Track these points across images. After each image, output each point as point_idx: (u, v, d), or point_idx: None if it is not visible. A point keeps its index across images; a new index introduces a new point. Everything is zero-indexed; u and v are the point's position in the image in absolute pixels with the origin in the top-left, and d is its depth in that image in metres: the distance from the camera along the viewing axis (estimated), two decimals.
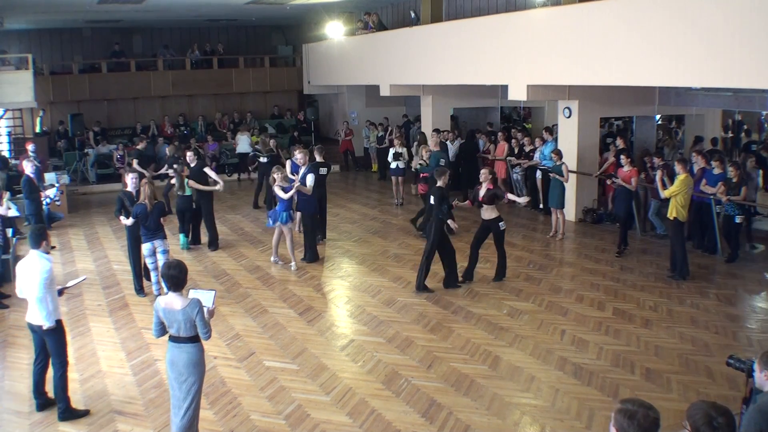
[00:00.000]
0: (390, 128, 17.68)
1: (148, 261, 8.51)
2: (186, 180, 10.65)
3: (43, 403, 5.83)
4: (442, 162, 11.20)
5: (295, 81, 22.10)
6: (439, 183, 8.65)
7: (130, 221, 8.42)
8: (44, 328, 5.55)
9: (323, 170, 10.81)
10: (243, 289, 9.09)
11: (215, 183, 11.06)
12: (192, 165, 10.79)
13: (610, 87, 11.29)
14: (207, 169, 11.02)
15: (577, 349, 6.94)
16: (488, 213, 8.86)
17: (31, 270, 5.53)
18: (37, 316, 5.55)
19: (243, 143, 17.54)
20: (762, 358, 3.49)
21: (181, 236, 11.32)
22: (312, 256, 10.18)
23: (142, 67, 20.90)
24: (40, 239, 5.62)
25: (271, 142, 14.37)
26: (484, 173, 9.00)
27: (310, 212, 10.21)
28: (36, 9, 16.36)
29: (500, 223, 8.87)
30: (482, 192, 8.87)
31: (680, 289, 8.68)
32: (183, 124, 20.14)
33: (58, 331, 5.66)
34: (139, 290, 8.87)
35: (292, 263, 9.88)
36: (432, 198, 8.62)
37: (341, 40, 18.28)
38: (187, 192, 10.75)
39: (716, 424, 2.78)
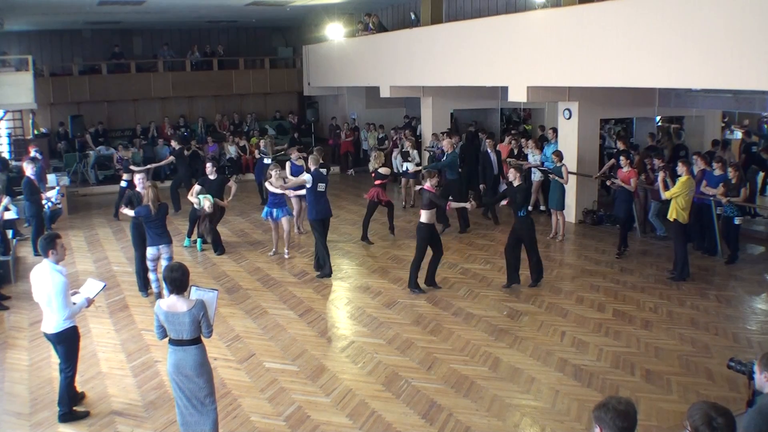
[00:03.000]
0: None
1: (150, 265, 8.37)
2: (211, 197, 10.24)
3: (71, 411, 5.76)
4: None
5: (295, 82, 22.09)
6: (518, 181, 8.72)
7: (133, 212, 8.39)
8: (48, 332, 5.56)
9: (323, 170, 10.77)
10: (243, 291, 9.09)
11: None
12: (212, 178, 10.54)
13: (610, 88, 11.27)
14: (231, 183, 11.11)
15: (577, 350, 6.94)
16: (424, 217, 8.60)
17: (44, 281, 5.47)
18: (50, 323, 5.54)
19: (231, 151, 18.58)
20: (762, 359, 3.49)
21: (187, 240, 11.42)
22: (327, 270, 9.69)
23: (142, 68, 20.89)
24: (47, 248, 5.50)
25: (269, 143, 14.50)
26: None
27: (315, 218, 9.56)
28: (36, 10, 16.37)
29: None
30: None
31: (680, 291, 8.69)
32: (183, 126, 20.14)
33: (71, 339, 5.64)
34: (142, 288, 8.87)
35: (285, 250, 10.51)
36: (517, 196, 8.60)
37: (341, 41, 18.28)
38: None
39: (716, 425, 2.79)
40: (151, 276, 8.51)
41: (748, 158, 12.81)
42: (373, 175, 11.51)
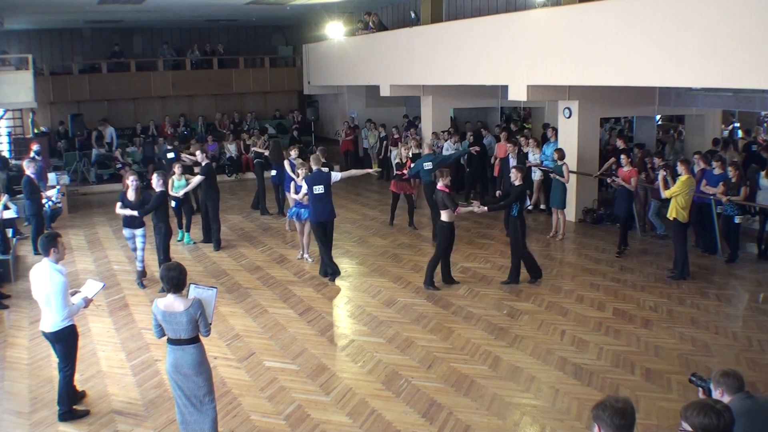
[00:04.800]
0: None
1: (132, 243, 9.18)
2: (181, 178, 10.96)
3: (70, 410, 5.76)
4: (427, 166, 11.11)
5: (295, 81, 22.09)
6: (518, 182, 8.73)
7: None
8: (46, 331, 5.55)
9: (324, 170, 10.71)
10: (243, 289, 9.09)
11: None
12: (203, 164, 11.07)
13: (610, 87, 11.28)
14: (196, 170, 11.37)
15: (577, 349, 6.94)
16: (445, 216, 8.71)
17: (43, 280, 5.47)
18: (48, 322, 5.54)
19: (231, 149, 18.65)
20: (715, 376, 3.65)
21: (180, 233, 11.52)
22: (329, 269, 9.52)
23: (142, 67, 20.89)
24: (48, 247, 5.51)
25: (259, 142, 14.44)
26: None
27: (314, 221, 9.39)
28: (36, 9, 16.36)
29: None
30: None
31: (680, 290, 8.68)
32: (183, 125, 20.14)
33: (69, 337, 5.64)
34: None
35: (305, 254, 10.26)
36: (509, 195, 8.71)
37: (341, 40, 18.27)
38: (175, 189, 10.84)
39: (719, 407, 2.89)
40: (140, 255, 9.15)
41: (748, 157, 12.80)
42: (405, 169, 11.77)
